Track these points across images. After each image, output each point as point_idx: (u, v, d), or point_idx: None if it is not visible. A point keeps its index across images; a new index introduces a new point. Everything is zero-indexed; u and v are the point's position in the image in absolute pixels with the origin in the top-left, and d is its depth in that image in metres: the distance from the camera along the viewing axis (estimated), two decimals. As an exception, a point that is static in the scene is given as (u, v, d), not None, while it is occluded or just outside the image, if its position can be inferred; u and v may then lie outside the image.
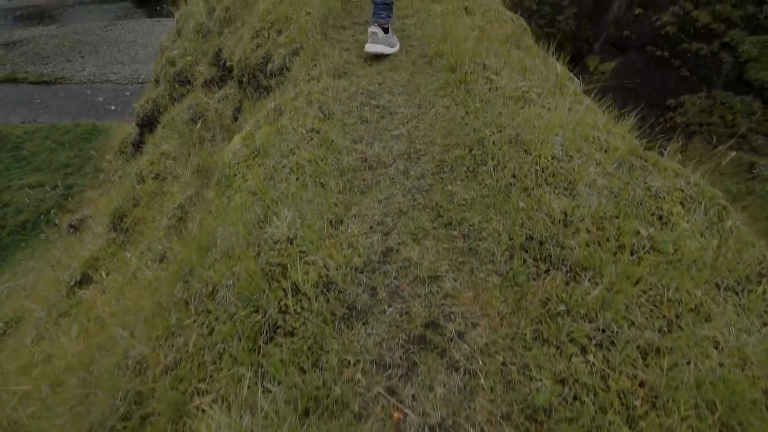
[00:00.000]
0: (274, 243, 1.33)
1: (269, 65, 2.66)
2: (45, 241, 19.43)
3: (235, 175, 1.80)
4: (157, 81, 4.05)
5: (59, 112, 29.25)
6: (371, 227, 1.39)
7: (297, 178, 1.57)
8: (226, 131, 2.86)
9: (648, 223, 1.31)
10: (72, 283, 2.70)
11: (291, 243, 1.31)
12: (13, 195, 20.72)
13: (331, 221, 1.38)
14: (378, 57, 2.47)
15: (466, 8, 2.89)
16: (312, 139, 1.77)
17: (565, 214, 1.34)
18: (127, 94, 31.75)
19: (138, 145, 4.07)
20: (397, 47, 2.65)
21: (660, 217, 1.35)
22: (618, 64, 19.96)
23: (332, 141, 1.73)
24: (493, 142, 1.60)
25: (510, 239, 1.27)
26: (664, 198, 1.41)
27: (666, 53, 18.18)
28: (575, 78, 2.40)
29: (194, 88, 3.38)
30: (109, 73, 32.84)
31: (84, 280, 2.72)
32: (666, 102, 18.40)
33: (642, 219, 1.33)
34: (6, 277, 16.93)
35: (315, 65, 2.36)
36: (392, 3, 2.46)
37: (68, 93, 31.52)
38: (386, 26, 2.49)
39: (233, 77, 3.09)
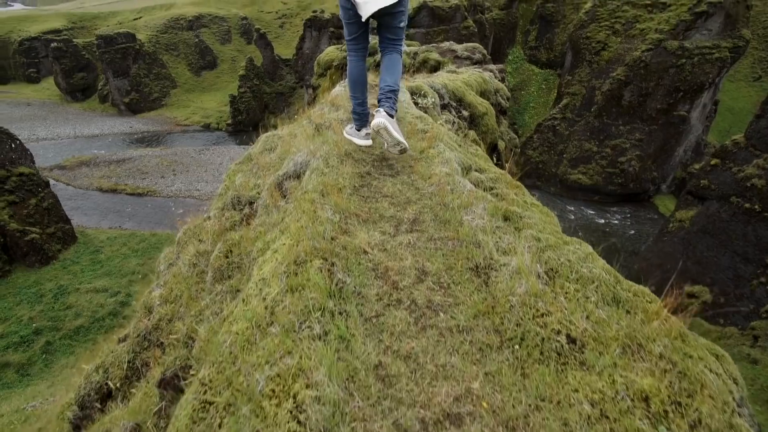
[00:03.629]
0: None
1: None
2: (89, 352, 19.41)
3: None
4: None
5: (142, 221, 32.20)
6: None
7: None
8: None
9: None
10: None
11: None
12: (78, 298, 21.59)
13: None
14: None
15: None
16: None
17: None
18: (204, 209, 34.72)
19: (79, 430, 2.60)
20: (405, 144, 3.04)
21: None
22: (699, 213, 18.39)
23: None
24: None
25: None
26: None
27: (757, 206, 16.53)
28: None
29: (155, 369, 2.09)
30: (192, 190, 36.71)
31: None
32: (765, 259, 16.12)
33: None
34: (41, 388, 16.60)
35: None
36: (394, 94, 2.91)
37: (155, 205, 35.18)
38: (391, 112, 2.86)
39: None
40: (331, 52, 10.93)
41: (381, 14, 2.82)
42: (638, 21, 33.96)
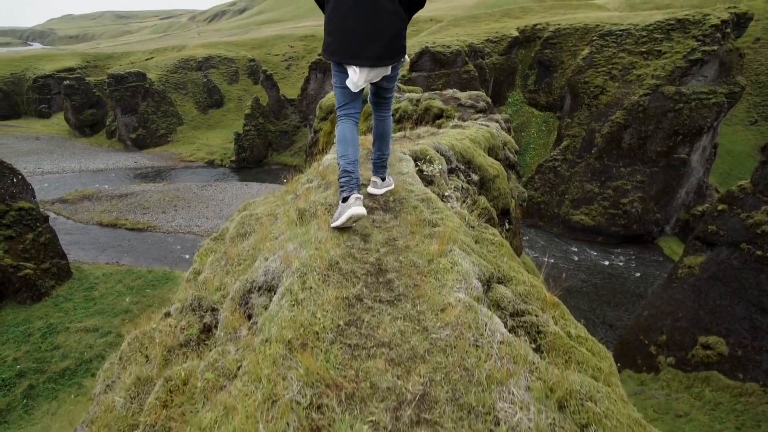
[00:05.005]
0: None
1: None
2: (73, 397, 18.47)
3: None
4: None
5: (139, 257, 31.75)
6: None
7: None
8: None
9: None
10: None
11: None
12: (67, 338, 20.84)
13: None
14: None
15: None
16: None
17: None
18: (203, 245, 34.41)
19: None
20: (393, 184, 3.21)
21: None
22: (708, 260, 17.94)
23: None
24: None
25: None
26: None
27: (768, 254, 16.12)
28: None
29: None
30: (193, 226, 36.49)
31: None
32: (780, 308, 15.51)
33: None
34: (17, 440, 15.57)
35: None
36: (386, 162, 3.16)
37: (154, 240, 34.84)
38: (383, 177, 3.15)
39: None
40: (333, 97, 10.90)
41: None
42: (635, 67, 34.87)
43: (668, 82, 32.81)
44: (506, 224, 3.85)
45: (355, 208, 2.51)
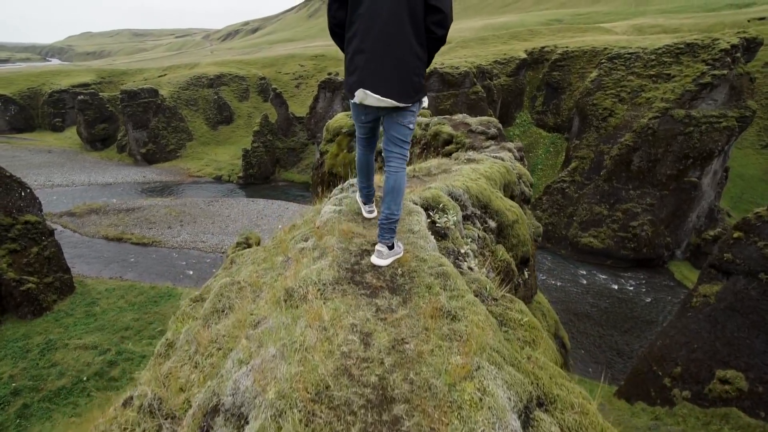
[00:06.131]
0: None
1: None
2: (67, 418, 18.01)
3: None
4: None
5: (143, 272, 31.55)
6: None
7: None
8: None
9: None
10: None
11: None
12: (65, 355, 20.51)
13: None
14: None
15: None
16: None
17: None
18: (207, 261, 34.16)
19: None
20: (401, 251, 2.90)
21: None
22: (724, 289, 17.33)
23: None
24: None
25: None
26: None
27: (788, 285, 15.49)
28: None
29: None
30: (198, 242, 36.37)
31: None
32: (803, 341, 14.82)
33: None
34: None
35: None
36: (395, 225, 2.85)
37: (159, 255, 34.70)
38: (391, 245, 2.83)
39: None
40: (340, 119, 10.70)
41: (387, 109, 2.71)
42: (643, 90, 34.77)
43: (678, 106, 32.61)
44: (525, 273, 3.50)
45: (368, 213, 3.29)
